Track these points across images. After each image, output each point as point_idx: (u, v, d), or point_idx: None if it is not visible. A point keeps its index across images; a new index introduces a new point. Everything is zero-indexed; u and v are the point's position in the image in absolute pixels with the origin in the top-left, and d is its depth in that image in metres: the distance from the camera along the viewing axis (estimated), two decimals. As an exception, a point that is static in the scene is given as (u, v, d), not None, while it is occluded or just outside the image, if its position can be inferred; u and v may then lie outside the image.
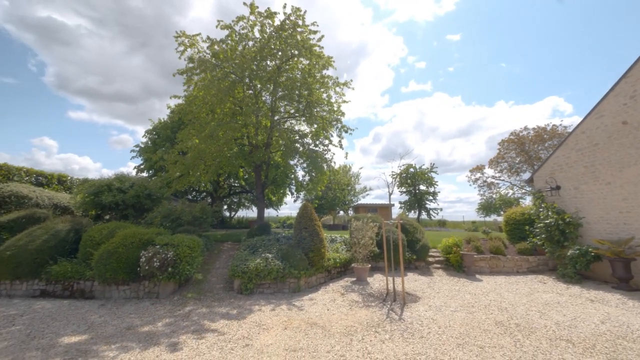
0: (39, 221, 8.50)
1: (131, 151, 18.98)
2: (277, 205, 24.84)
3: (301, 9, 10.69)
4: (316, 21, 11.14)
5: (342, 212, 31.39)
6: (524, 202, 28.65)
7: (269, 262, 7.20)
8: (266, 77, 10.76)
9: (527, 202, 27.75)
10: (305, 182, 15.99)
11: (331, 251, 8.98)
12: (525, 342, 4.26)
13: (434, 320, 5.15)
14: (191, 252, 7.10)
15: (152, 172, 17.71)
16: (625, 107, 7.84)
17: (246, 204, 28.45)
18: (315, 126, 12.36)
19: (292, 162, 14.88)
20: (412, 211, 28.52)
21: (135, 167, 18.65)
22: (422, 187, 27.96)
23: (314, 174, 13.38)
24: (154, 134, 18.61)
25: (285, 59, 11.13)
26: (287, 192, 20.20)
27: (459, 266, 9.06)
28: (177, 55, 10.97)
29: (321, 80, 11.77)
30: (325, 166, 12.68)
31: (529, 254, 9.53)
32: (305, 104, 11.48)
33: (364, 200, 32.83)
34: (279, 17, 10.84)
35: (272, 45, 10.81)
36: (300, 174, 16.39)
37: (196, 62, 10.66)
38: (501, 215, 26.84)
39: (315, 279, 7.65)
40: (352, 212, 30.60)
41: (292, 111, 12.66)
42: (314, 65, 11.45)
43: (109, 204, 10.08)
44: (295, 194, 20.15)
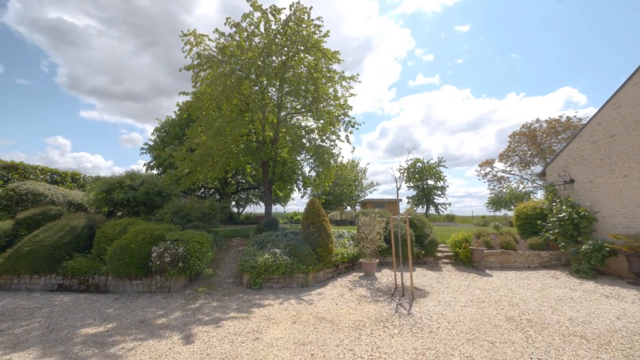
0: (54, 218, 8.77)
1: (141, 149, 19.35)
2: (284, 201, 24.99)
3: (306, 7, 10.60)
4: (321, 16, 11.02)
5: (349, 208, 31.36)
6: (536, 196, 28.07)
7: (277, 257, 7.26)
8: (272, 73, 10.73)
9: (539, 196, 27.17)
10: (312, 178, 16.01)
11: (339, 246, 8.99)
12: (537, 337, 4.20)
13: (443, 315, 5.12)
14: (201, 247, 7.22)
15: (162, 169, 18.01)
16: (644, 96, 7.53)
17: (254, 200, 28.73)
18: (321, 121, 12.31)
19: (298, 158, 14.88)
20: (420, 206, 28.30)
21: (145, 165, 19.00)
22: (430, 182, 27.68)
23: (321, 170, 13.36)
24: (162, 131, 18.88)
25: (290, 55, 11.07)
26: (294, 188, 20.28)
27: (468, 261, 8.97)
28: (184, 54, 11.04)
29: (327, 74, 11.68)
30: (332, 161, 12.63)
31: (541, 249, 9.35)
32: (311, 99, 11.43)
33: (371, 195, 32.76)
34: (285, 13, 10.77)
35: (277, 41, 10.76)
36: (306, 169, 16.41)
37: (203, 58, 10.71)
38: (511, 209, 26.40)
39: (323, 274, 7.68)
40: (359, 208, 30.55)
41: (299, 107, 12.62)
42: (320, 60, 11.36)
43: (121, 200, 10.31)
44: (302, 189, 20.22)
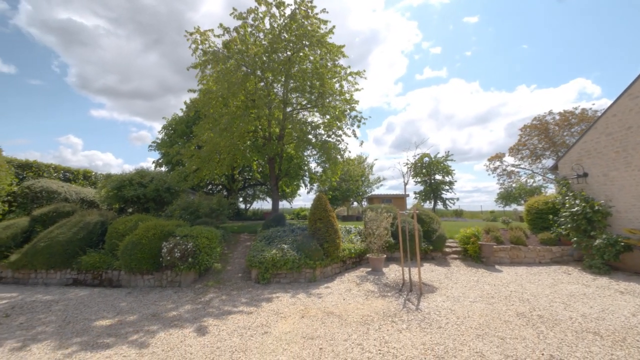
0: (68, 215, 9.00)
1: (149, 146, 19.62)
2: (290, 197, 25.10)
3: (311, 0, 10.47)
4: (325, 8, 10.86)
5: (355, 203, 31.29)
6: (547, 191, 27.49)
7: (285, 252, 7.31)
8: (277, 68, 10.68)
9: (550, 191, 26.60)
10: (318, 174, 15.98)
11: (346, 242, 9.00)
12: (549, 333, 4.14)
13: (452, 310, 5.08)
14: (210, 243, 7.31)
15: (170, 166, 18.25)
16: (663, 86, 7.23)
17: (261, 196, 28.91)
18: (327, 117, 12.23)
19: (305, 154, 14.86)
20: (428, 201, 28.03)
21: (153, 162, 19.28)
22: (438, 177, 27.34)
23: (327, 165, 13.32)
24: (170, 129, 19.08)
25: (296, 50, 10.99)
26: (300, 184, 20.31)
27: (477, 257, 8.86)
28: (190, 52, 11.08)
29: (333, 69, 11.57)
30: (339, 157, 12.57)
31: (552, 244, 9.17)
32: (317, 94, 11.35)
33: (378, 190, 32.52)
34: (290, 7, 10.67)
35: (282, 36, 10.69)
36: (313, 165, 16.39)
37: (209, 54, 10.73)
38: (521, 204, 25.91)
39: (330, 269, 7.71)
40: (365, 203, 30.44)
41: (304, 102, 12.56)
42: (325, 55, 11.25)
43: (131, 197, 10.52)
44: (308, 185, 20.24)
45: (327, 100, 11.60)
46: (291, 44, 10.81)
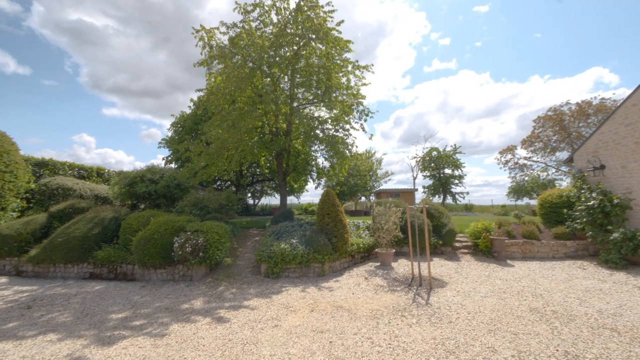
0: (83, 211, 9.26)
1: (158, 143, 19.92)
2: (298, 192, 25.13)
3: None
4: (331, 1, 10.64)
5: (363, 198, 31.18)
6: (561, 184, 26.77)
7: (294, 247, 7.36)
8: (284, 63, 10.63)
9: (564, 184, 25.88)
10: (326, 169, 15.94)
11: (354, 237, 8.99)
12: (563, 329, 4.05)
13: (462, 305, 5.03)
14: (220, 238, 7.42)
15: (180, 163, 18.51)
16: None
17: (268, 191, 29.13)
18: (335, 111, 12.14)
19: (312, 149, 14.83)
20: (437, 196, 27.70)
21: (163, 159, 19.59)
22: (447, 171, 26.93)
23: (335, 160, 13.27)
24: (178, 126, 19.30)
25: (302, 44, 10.89)
26: (308, 179, 20.31)
27: (488, 251, 8.73)
28: (198, 49, 11.13)
29: (340, 63, 11.44)
30: (347, 152, 12.50)
31: (566, 238, 8.94)
32: (324, 89, 11.26)
33: (386, 185, 32.34)
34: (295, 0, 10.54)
35: (289, 30, 10.60)
36: (320, 160, 16.36)
37: (215, 50, 10.74)
38: (534, 198, 25.31)
39: (339, 263, 7.73)
40: (373, 198, 30.30)
41: (311, 97, 12.48)
42: (332, 49, 11.11)
43: (143, 193, 10.73)
44: (316, 180, 20.22)
45: (334, 94, 11.50)
46: (297, 38, 10.71)
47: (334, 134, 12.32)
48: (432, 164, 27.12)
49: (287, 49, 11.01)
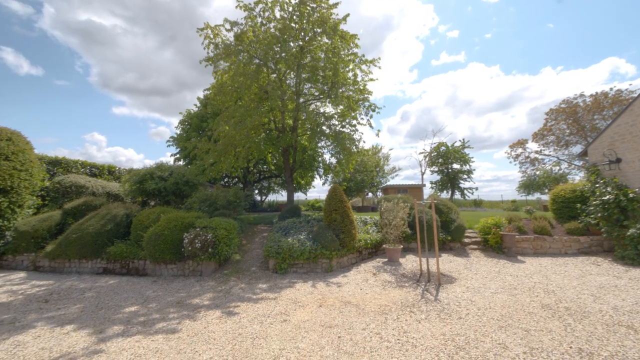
0: (96, 208, 9.48)
1: (167, 141, 20.18)
2: (305, 188, 25.19)
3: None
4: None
5: (370, 194, 31.05)
6: (574, 178, 26.10)
7: (302, 243, 7.39)
8: (290, 59, 10.57)
9: (577, 178, 25.23)
10: (332, 165, 15.90)
11: (361, 232, 8.97)
12: (577, 326, 3.97)
13: (472, 301, 4.98)
14: (228, 234, 7.51)
15: (188, 160, 18.72)
16: None
17: (275, 188, 29.24)
18: (341, 107, 12.05)
19: (319, 145, 14.78)
20: (445, 191, 27.36)
21: (172, 156, 19.85)
22: (456, 166, 26.54)
23: (342, 156, 13.21)
24: (186, 124, 19.50)
25: (307, 39, 10.80)
26: (315, 175, 20.32)
27: (498, 247, 8.60)
28: (203, 47, 11.14)
29: (346, 58, 11.31)
30: (353, 148, 12.42)
31: (580, 234, 8.73)
32: (330, 84, 11.18)
33: (393, 181, 32.08)
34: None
35: (293, 25, 10.51)
36: (327, 156, 16.30)
37: (221, 48, 10.75)
38: (545, 193, 24.78)
39: (346, 259, 7.74)
40: (380, 194, 30.13)
41: (317, 93, 12.41)
42: (338, 43, 10.99)
43: (153, 190, 10.92)
44: (323, 177, 20.21)
45: (340, 90, 11.40)
46: (302, 33, 10.62)
47: (341, 129, 12.24)
48: (440, 159, 26.76)
49: (292, 45, 10.93)
